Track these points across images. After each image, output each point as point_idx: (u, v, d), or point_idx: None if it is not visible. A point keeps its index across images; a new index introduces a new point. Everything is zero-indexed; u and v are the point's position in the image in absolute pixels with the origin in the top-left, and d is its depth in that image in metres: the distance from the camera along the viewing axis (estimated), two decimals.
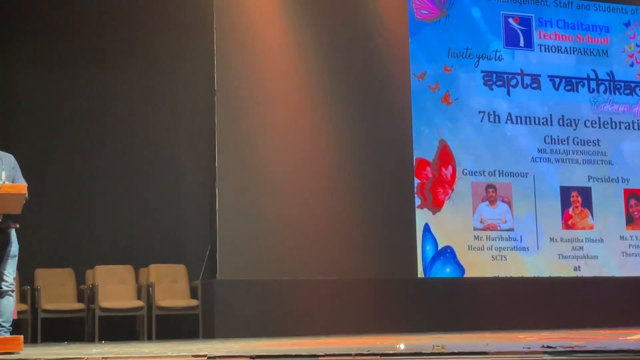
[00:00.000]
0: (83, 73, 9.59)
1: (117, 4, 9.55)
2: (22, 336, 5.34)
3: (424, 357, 3.69)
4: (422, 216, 9.98)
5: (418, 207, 9.98)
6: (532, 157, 10.52)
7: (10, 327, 5.71)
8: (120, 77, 9.69)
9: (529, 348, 3.90)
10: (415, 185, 10.01)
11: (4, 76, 9.35)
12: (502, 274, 10.15)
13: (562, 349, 3.67)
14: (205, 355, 3.99)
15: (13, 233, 5.79)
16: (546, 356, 3.51)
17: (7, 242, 5.72)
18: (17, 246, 5.80)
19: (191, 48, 9.78)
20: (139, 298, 9.01)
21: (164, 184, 9.72)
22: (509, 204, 10.34)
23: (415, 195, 9.99)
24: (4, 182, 5.35)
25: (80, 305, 8.88)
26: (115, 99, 9.68)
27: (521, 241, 10.29)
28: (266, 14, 9.63)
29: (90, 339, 8.65)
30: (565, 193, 10.60)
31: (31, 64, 9.43)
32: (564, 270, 10.41)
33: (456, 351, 3.74)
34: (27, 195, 5.51)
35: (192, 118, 9.80)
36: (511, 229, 10.30)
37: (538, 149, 10.55)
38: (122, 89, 9.70)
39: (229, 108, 9.37)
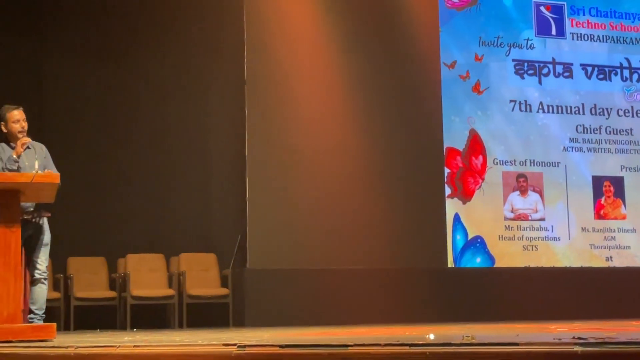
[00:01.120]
0: (114, 63, 9.65)
1: None
2: (55, 324, 5.40)
3: (454, 347, 3.67)
4: (453, 206, 9.94)
5: (448, 196, 9.94)
6: (564, 147, 10.43)
7: (44, 315, 5.78)
8: (152, 66, 9.74)
9: (559, 339, 3.87)
10: (446, 174, 9.97)
11: (35, 67, 9.43)
12: (532, 265, 10.09)
13: (593, 341, 3.64)
14: (235, 344, 4.00)
15: (45, 222, 5.86)
16: (577, 347, 3.48)
17: (39, 230, 5.80)
18: (50, 235, 5.87)
19: (221, 38, 9.80)
20: (170, 286, 9.08)
21: (194, 173, 9.77)
22: (540, 193, 10.27)
23: (446, 185, 9.95)
24: (37, 172, 5.41)
25: (112, 294, 8.96)
26: (147, 89, 9.73)
27: (552, 231, 10.22)
28: (296, 3, 9.62)
29: (122, 327, 8.74)
30: (598, 183, 10.50)
31: (62, 54, 9.51)
32: (595, 260, 10.32)
33: (486, 342, 3.72)
34: (59, 184, 5.57)
35: (223, 108, 9.83)
36: (542, 219, 10.22)
37: (570, 138, 10.46)
38: (153, 78, 9.75)
39: (259, 98, 9.38)
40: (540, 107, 10.42)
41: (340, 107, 9.66)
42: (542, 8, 10.57)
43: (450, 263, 9.83)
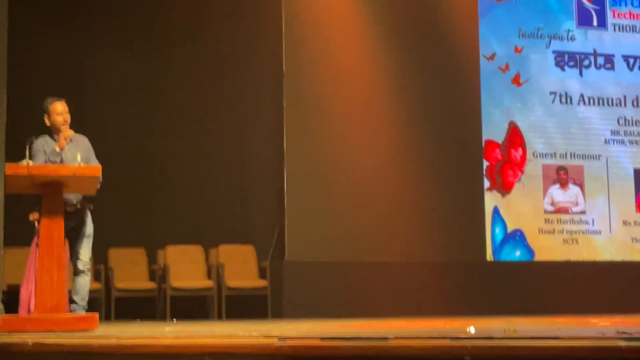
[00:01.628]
0: (153, 56, 9.71)
1: None
2: (98, 314, 5.46)
3: (496, 340, 3.65)
4: (492, 199, 9.87)
5: (487, 189, 9.88)
6: (605, 139, 10.30)
7: (86, 306, 5.85)
8: (190, 60, 9.79)
9: (603, 334, 3.84)
10: (485, 167, 9.90)
11: (76, 60, 9.52)
12: (573, 258, 10.00)
13: (638, 335, 3.60)
14: (276, 336, 4.02)
15: (88, 214, 5.92)
16: (621, 342, 3.44)
17: (82, 222, 5.86)
18: (92, 226, 5.93)
19: (260, 32, 9.81)
20: (209, 278, 9.13)
21: (233, 166, 9.81)
22: (581, 186, 10.16)
23: (485, 178, 9.88)
24: (79, 164, 5.46)
25: (152, 285, 9.04)
26: (186, 82, 9.78)
27: (593, 224, 10.11)
28: None
29: (162, 318, 8.81)
30: (639, 176, 10.36)
31: (104, 48, 9.59)
32: (637, 254, 10.19)
33: (528, 336, 3.70)
34: (101, 176, 5.62)
35: (261, 100, 9.84)
36: (583, 212, 10.12)
37: (611, 131, 10.33)
38: (192, 72, 9.79)
39: (297, 90, 9.39)
40: (581, 99, 10.31)
41: (378, 100, 9.64)
42: None
43: (489, 256, 9.77)
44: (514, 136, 10.06)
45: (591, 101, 10.33)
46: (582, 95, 10.31)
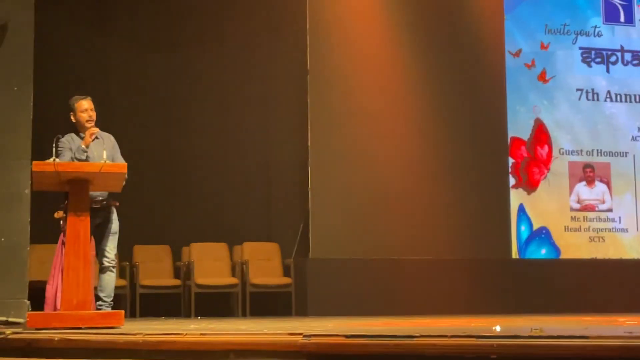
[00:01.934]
0: (178, 54, 9.73)
1: None
2: (123, 311, 5.48)
3: (522, 340, 3.63)
4: (517, 196, 9.82)
5: (513, 187, 9.82)
6: (632, 136, 10.21)
7: (112, 302, 5.87)
8: (215, 58, 9.80)
9: (630, 332, 3.80)
10: (510, 164, 9.85)
11: (101, 59, 9.56)
12: (599, 256, 9.92)
13: None
14: (300, 334, 4.02)
15: (114, 211, 5.94)
16: None
17: (108, 219, 5.88)
18: (118, 223, 5.95)
19: (284, 28, 9.82)
20: (233, 275, 9.15)
21: (257, 163, 9.82)
22: (608, 184, 10.08)
23: (510, 175, 9.83)
24: (105, 161, 5.48)
25: (177, 282, 9.07)
26: (210, 80, 9.79)
27: (620, 222, 10.02)
28: None
29: (187, 315, 8.84)
30: None
31: (128, 45, 9.62)
32: None
33: (555, 334, 3.67)
34: (126, 174, 5.64)
35: (285, 98, 9.85)
36: (609, 210, 10.04)
37: (638, 128, 10.23)
38: (216, 70, 9.81)
39: (321, 87, 9.38)
40: (608, 95, 10.22)
41: (403, 96, 9.61)
42: None
43: (515, 254, 9.72)
44: (540, 133, 10.00)
45: (618, 98, 10.23)
46: (608, 92, 10.22)
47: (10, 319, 5.58)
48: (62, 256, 5.73)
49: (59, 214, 5.92)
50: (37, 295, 5.94)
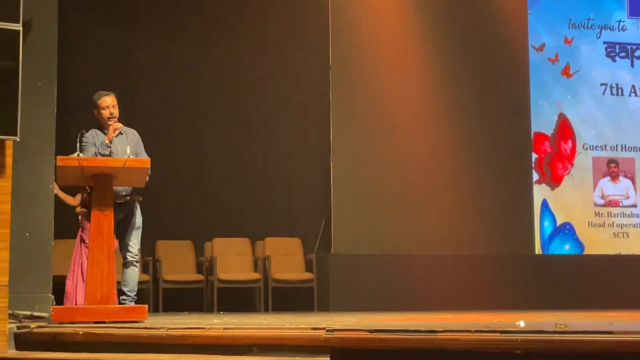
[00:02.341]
0: (201, 49, 9.75)
1: None
2: (147, 305, 5.50)
3: (546, 335, 3.60)
4: (540, 192, 9.76)
5: (536, 182, 9.77)
6: None
7: (135, 297, 5.90)
8: (237, 53, 9.81)
9: None
10: (533, 160, 9.80)
11: (125, 54, 9.60)
12: (624, 252, 9.85)
13: None
14: (323, 328, 4.01)
15: (137, 206, 5.97)
16: None
17: (131, 214, 5.91)
18: (141, 218, 5.97)
19: (307, 24, 9.81)
20: (255, 270, 9.17)
21: (280, 159, 9.82)
22: (632, 179, 10.00)
23: (533, 170, 9.77)
24: (128, 156, 5.51)
25: (199, 277, 9.10)
26: (233, 75, 9.81)
27: None
28: None
29: (209, 310, 8.86)
30: None
31: (150, 41, 9.65)
32: None
33: (579, 330, 3.64)
34: (150, 169, 5.66)
35: (307, 93, 9.84)
36: (634, 205, 9.96)
37: None
38: (239, 64, 9.82)
39: (343, 83, 9.37)
40: (633, 90, 10.13)
41: (425, 91, 9.58)
42: None
43: (538, 250, 9.67)
44: (564, 128, 9.93)
45: None
46: (633, 87, 10.14)
47: (35, 313, 5.62)
48: (81, 251, 5.77)
49: (80, 209, 5.96)
50: (60, 290, 5.98)
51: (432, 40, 9.62)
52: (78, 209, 6.27)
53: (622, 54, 10.17)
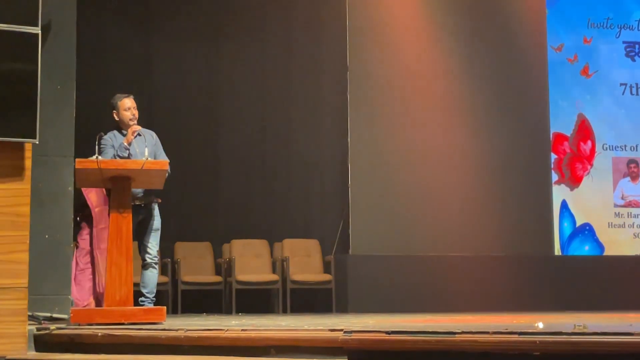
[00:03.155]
0: (219, 51, 9.78)
1: None
2: (165, 307, 5.52)
3: (565, 336, 3.58)
4: (560, 192, 9.72)
5: (555, 183, 9.72)
6: None
7: (154, 298, 5.92)
8: (256, 54, 9.83)
9: None
10: (553, 160, 9.75)
11: (144, 56, 9.64)
12: None
13: None
14: (341, 330, 4.01)
15: (156, 207, 5.99)
16: None
17: (150, 216, 5.93)
18: (160, 220, 6.00)
19: (324, 25, 9.82)
20: (273, 272, 9.18)
21: (297, 160, 9.83)
22: None
23: (553, 171, 9.73)
24: (147, 158, 5.53)
25: (218, 278, 9.12)
26: (251, 78, 9.83)
27: None
28: None
29: (228, 311, 8.88)
30: None
31: (169, 42, 9.68)
32: None
33: (599, 331, 3.62)
34: (169, 170, 5.68)
35: (325, 95, 9.85)
36: None
37: None
38: (257, 67, 9.85)
39: (361, 83, 9.37)
40: None
41: (444, 92, 9.56)
42: None
43: (558, 251, 9.62)
44: (583, 129, 9.88)
45: None
46: None
47: (54, 315, 5.65)
48: (79, 256, 5.81)
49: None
50: None
51: (451, 41, 9.59)
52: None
53: None
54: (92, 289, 6.11)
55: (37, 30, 4.70)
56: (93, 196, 6.19)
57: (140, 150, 5.81)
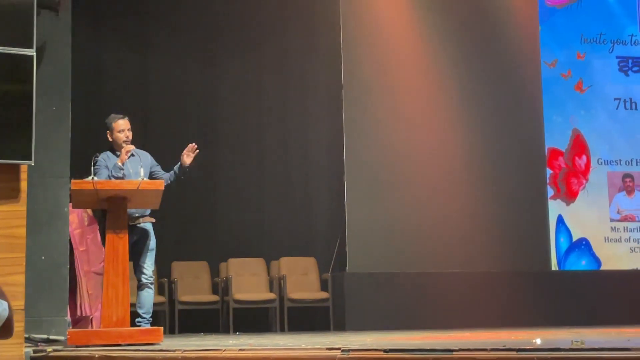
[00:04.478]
0: (216, 70, 9.80)
1: (249, 2, 9.71)
2: (162, 327, 5.51)
3: (563, 352, 3.58)
4: (556, 207, 9.73)
5: (551, 198, 9.73)
6: None
7: (151, 319, 5.91)
8: (252, 74, 9.85)
9: None
10: (548, 175, 9.77)
11: (139, 76, 9.65)
12: None
13: None
14: (339, 348, 4.01)
15: (151, 227, 5.99)
16: None
17: (145, 236, 5.93)
18: (155, 240, 5.99)
19: (318, 43, 9.86)
20: (270, 290, 9.16)
21: (293, 178, 9.84)
22: None
23: (548, 186, 9.74)
24: (142, 178, 5.53)
25: (215, 297, 9.10)
26: (247, 96, 9.84)
27: None
28: (392, 5, 9.60)
29: (225, 330, 8.86)
30: None
31: (164, 62, 9.69)
32: None
33: (596, 347, 3.62)
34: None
35: (320, 112, 9.87)
36: None
37: None
38: (252, 83, 9.86)
39: (356, 101, 9.39)
40: None
41: (438, 108, 9.58)
42: None
43: (554, 266, 9.62)
44: (578, 143, 9.91)
45: None
46: None
47: (51, 337, 5.63)
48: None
49: None
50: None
51: (444, 58, 9.62)
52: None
53: (635, 68, 10.15)
54: (70, 312, 6.10)
55: (32, 52, 4.72)
56: (73, 217, 6.20)
57: (134, 170, 5.82)
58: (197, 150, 6.04)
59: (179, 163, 6.05)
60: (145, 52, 9.70)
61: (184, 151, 6.03)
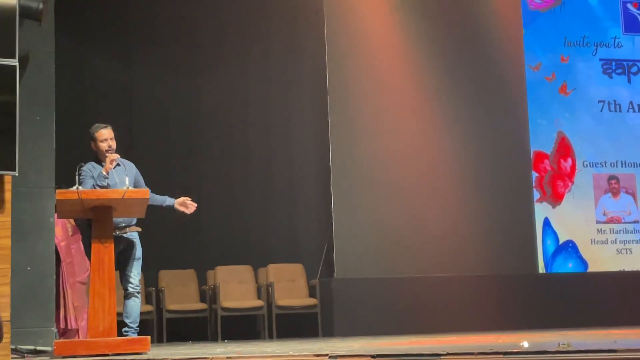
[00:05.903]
0: (199, 80, 9.78)
1: (232, 8, 9.71)
2: (149, 337, 5.48)
3: (550, 355, 3.59)
4: (542, 210, 9.76)
5: (537, 201, 9.76)
6: None
7: (138, 328, 5.88)
8: (237, 83, 9.84)
9: None
10: (534, 178, 9.80)
11: (123, 85, 9.63)
12: (627, 268, 9.82)
13: None
14: (326, 355, 4.01)
15: (137, 236, 5.97)
16: None
17: (131, 245, 5.91)
18: (141, 249, 5.97)
19: (303, 48, 9.87)
20: (258, 297, 9.14)
21: (280, 185, 9.83)
22: (633, 195, 10.00)
23: (534, 189, 9.77)
24: (127, 187, 5.52)
25: (203, 305, 9.07)
26: (231, 101, 9.84)
27: None
28: (376, 10, 9.62)
29: (213, 338, 8.83)
30: None
31: (148, 73, 9.67)
32: None
33: (583, 349, 3.63)
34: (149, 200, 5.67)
35: (306, 118, 9.87)
36: (636, 221, 9.95)
37: None
38: (236, 91, 9.85)
39: (341, 107, 9.40)
40: (631, 106, 10.16)
41: (424, 113, 9.60)
42: (629, 5, 10.31)
43: (541, 268, 9.64)
44: (563, 146, 9.95)
45: None
46: (631, 103, 10.17)
47: (38, 348, 5.61)
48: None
49: None
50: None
51: (429, 63, 9.65)
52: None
53: (619, 71, 10.21)
54: (56, 324, 6.07)
55: (14, 62, 4.71)
56: (58, 230, 6.18)
57: (120, 179, 5.80)
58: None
59: (174, 201, 6.04)
60: (128, 61, 9.68)
61: (188, 202, 6.03)
